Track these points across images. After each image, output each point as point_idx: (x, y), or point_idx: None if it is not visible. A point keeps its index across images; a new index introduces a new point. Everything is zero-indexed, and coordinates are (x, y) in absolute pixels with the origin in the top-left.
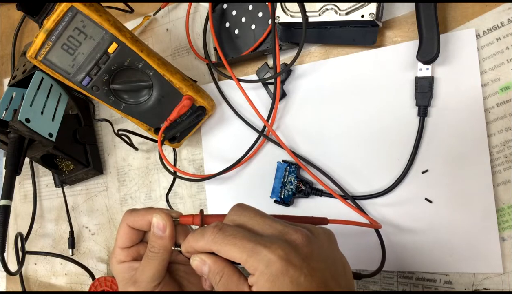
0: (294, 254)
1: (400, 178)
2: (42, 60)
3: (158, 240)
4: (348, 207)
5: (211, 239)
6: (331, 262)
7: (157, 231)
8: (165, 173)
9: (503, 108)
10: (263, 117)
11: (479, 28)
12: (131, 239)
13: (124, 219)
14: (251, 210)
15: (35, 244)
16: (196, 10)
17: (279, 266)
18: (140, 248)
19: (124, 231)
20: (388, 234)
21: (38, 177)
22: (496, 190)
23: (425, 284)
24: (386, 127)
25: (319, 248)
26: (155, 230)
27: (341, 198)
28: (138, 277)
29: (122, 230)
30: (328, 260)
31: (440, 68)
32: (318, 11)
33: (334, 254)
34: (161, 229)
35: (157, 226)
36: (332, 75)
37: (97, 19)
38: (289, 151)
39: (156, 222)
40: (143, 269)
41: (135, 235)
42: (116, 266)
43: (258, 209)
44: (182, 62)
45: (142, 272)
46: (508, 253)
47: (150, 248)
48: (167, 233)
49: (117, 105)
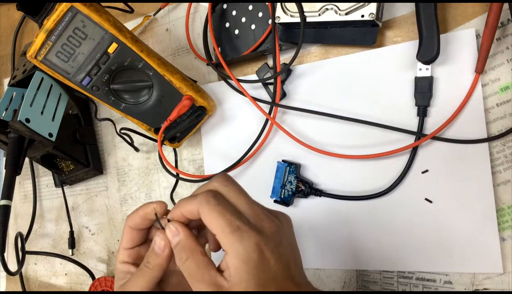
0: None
1: (400, 178)
2: (42, 60)
3: (155, 257)
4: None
5: (204, 200)
6: (293, 246)
7: (157, 249)
8: (165, 172)
9: (503, 108)
10: (265, 111)
11: (479, 28)
12: (132, 239)
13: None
14: (236, 187)
15: (35, 244)
16: (196, 10)
17: (256, 251)
18: (141, 250)
19: (126, 231)
20: (388, 234)
21: (38, 177)
22: (496, 190)
23: (425, 284)
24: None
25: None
26: (155, 247)
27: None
28: (128, 286)
29: (125, 231)
30: (291, 246)
31: (440, 68)
32: (318, 11)
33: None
34: (161, 248)
35: (158, 244)
36: (332, 75)
37: (97, 19)
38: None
39: (158, 241)
40: (134, 280)
41: (136, 235)
42: (118, 265)
43: (241, 187)
44: (182, 62)
45: (132, 283)
46: (508, 253)
47: (146, 263)
48: (165, 254)
49: (117, 105)
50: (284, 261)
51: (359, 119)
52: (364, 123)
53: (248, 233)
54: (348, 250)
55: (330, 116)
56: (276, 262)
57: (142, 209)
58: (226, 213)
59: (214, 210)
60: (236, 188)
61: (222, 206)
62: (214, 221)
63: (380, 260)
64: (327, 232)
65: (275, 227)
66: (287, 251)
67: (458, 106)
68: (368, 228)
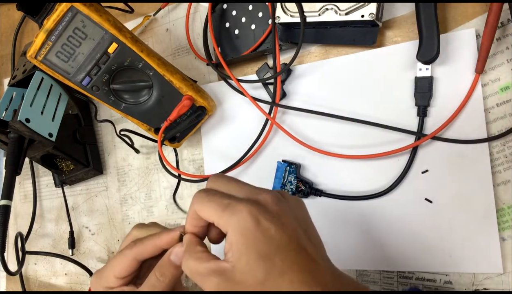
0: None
1: (400, 178)
2: (42, 60)
3: (173, 269)
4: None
5: (196, 200)
6: (303, 221)
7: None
8: (165, 173)
9: (503, 108)
10: (265, 111)
11: (479, 28)
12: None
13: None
14: (225, 177)
15: (35, 244)
16: (196, 10)
17: (250, 220)
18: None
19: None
20: (388, 234)
21: (38, 177)
22: (496, 190)
23: (425, 284)
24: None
25: (289, 208)
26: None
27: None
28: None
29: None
30: (298, 219)
31: (440, 68)
32: (318, 11)
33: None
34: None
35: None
36: (332, 75)
37: (97, 19)
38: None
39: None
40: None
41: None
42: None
43: (232, 176)
44: (182, 62)
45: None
46: (508, 253)
47: (160, 276)
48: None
49: (117, 105)
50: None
51: (359, 119)
52: (364, 123)
53: (239, 205)
54: (348, 250)
55: (330, 116)
56: (277, 232)
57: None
58: (215, 198)
59: (205, 200)
60: (224, 179)
61: (211, 194)
62: (206, 209)
63: (380, 260)
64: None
65: (272, 198)
66: (293, 223)
67: (458, 106)
68: (368, 228)
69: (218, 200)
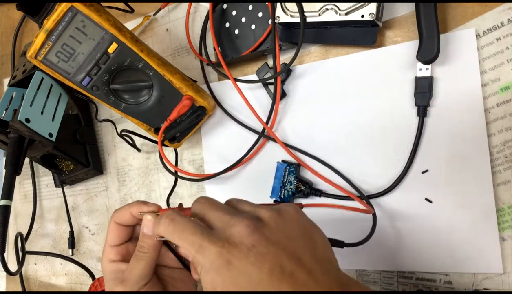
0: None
1: (400, 178)
2: (42, 60)
3: (147, 239)
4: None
5: (163, 229)
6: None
7: (146, 230)
8: (165, 173)
9: (503, 108)
10: (262, 120)
11: (479, 28)
12: (119, 236)
13: (111, 216)
14: (208, 202)
15: (35, 244)
16: (196, 10)
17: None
18: (129, 246)
19: (112, 228)
20: (388, 234)
21: (38, 177)
22: (496, 190)
23: (425, 284)
24: (386, 127)
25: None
26: (144, 229)
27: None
28: (127, 276)
29: (111, 228)
30: (284, 240)
31: (440, 68)
32: (318, 11)
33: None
34: (150, 228)
35: (146, 225)
36: (332, 75)
37: (97, 19)
38: (289, 151)
39: (146, 222)
40: (132, 268)
41: (123, 232)
42: (106, 265)
43: (216, 201)
44: (182, 62)
45: (130, 271)
46: (508, 253)
47: (139, 248)
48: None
49: (117, 105)
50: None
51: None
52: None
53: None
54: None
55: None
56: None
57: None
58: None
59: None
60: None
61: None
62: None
63: (380, 260)
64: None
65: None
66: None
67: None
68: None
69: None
